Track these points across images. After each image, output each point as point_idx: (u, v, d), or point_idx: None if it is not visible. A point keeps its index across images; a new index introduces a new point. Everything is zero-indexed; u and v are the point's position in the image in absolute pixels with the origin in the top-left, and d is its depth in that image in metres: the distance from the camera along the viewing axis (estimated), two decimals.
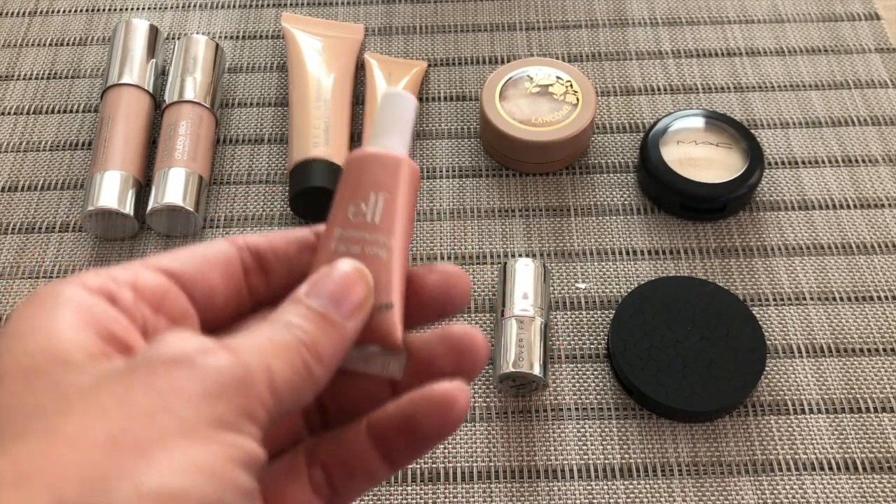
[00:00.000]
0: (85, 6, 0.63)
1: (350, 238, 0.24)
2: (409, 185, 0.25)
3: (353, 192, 0.24)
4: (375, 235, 0.24)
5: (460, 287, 0.24)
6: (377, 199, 0.24)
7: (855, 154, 0.54)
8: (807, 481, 0.42)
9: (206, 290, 0.22)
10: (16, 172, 0.54)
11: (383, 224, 0.24)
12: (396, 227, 0.24)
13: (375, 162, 0.25)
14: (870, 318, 0.47)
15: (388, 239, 0.24)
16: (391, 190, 0.24)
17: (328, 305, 0.21)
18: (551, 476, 0.42)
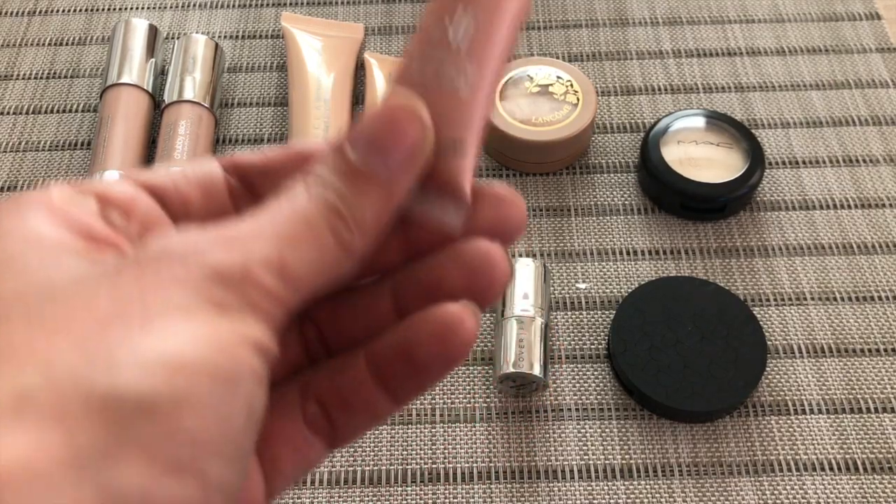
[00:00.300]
0: (84, 6, 0.63)
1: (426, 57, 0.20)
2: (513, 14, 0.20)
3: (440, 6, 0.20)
4: (460, 63, 0.20)
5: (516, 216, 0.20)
6: (469, 20, 0.20)
7: (856, 154, 0.54)
8: (807, 482, 0.42)
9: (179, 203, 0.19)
10: (15, 172, 0.54)
11: (471, 51, 0.20)
12: (486, 58, 0.20)
13: None
14: (871, 319, 0.47)
15: (473, 69, 0.20)
16: (488, 12, 0.20)
17: (370, 156, 0.17)
18: (551, 476, 0.42)
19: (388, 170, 0.17)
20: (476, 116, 0.20)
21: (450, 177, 0.19)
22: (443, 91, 0.19)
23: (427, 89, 0.19)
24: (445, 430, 0.44)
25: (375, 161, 0.17)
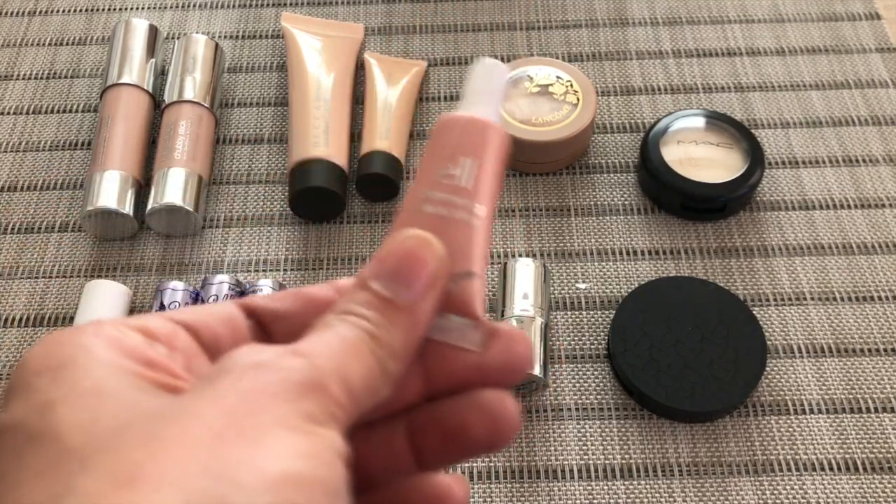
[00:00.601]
0: (84, 6, 0.63)
1: (439, 200, 0.23)
2: (499, 152, 0.24)
3: (443, 154, 0.24)
4: (464, 200, 0.23)
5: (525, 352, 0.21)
6: (469, 163, 0.24)
7: (855, 154, 0.54)
8: (807, 481, 0.42)
9: (211, 338, 0.20)
10: (15, 172, 0.54)
11: (472, 190, 0.23)
12: (486, 195, 0.23)
13: (468, 126, 0.24)
14: (870, 319, 0.47)
15: (475, 205, 0.23)
16: (482, 156, 0.24)
17: (394, 287, 0.19)
18: (551, 476, 0.42)
19: (413, 297, 0.19)
20: (484, 246, 0.23)
21: (463, 301, 0.22)
22: (453, 225, 0.22)
23: (439, 225, 0.22)
24: None
25: (400, 291, 0.19)
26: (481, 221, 0.23)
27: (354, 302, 0.19)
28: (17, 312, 0.49)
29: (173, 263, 0.50)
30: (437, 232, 0.22)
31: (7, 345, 0.47)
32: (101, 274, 0.50)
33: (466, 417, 0.20)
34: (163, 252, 0.51)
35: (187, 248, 0.51)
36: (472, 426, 0.20)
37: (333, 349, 0.18)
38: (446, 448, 0.21)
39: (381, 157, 0.51)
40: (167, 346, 0.19)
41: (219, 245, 0.51)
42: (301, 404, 0.17)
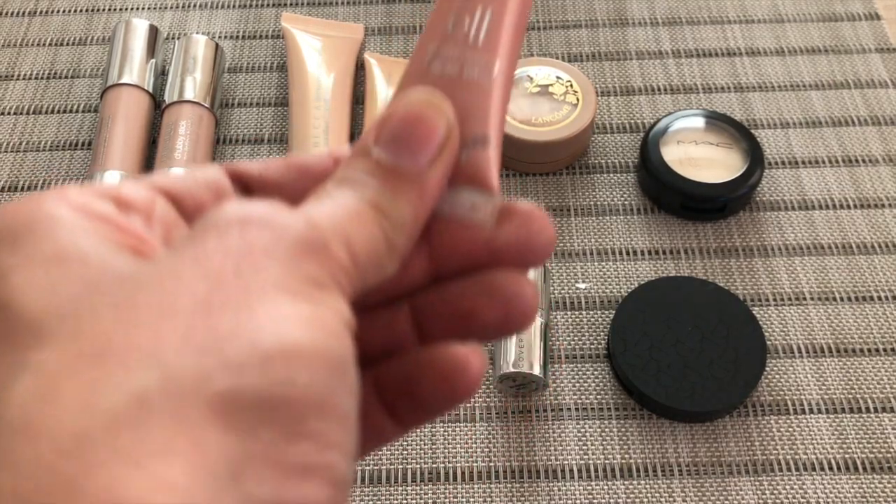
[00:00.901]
0: (85, 6, 0.63)
1: (447, 55, 0.20)
2: (521, 4, 0.21)
3: (453, 3, 0.21)
4: (478, 55, 0.20)
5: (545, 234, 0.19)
6: (483, 13, 0.21)
7: (855, 154, 0.54)
8: (807, 481, 0.42)
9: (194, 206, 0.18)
10: (16, 172, 0.54)
11: (488, 43, 0.20)
12: (502, 49, 0.20)
13: None
14: (870, 319, 0.47)
15: (491, 61, 0.20)
16: (500, 5, 0.21)
17: (399, 154, 0.17)
18: (551, 476, 0.42)
19: (420, 166, 0.17)
20: (499, 107, 0.20)
21: (477, 170, 0.19)
22: (465, 85, 0.20)
23: (448, 85, 0.20)
24: (445, 430, 0.44)
25: (406, 159, 0.17)
26: (497, 81, 0.20)
27: (355, 170, 0.17)
28: None
29: None
30: (446, 93, 0.19)
31: None
32: None
33: (477, 301, 0.18)
34: None
35: None
36: (482, 310, 0.18)
37: (335, 214, 0.16)
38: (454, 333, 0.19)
39: None
40: (143, 217, 0.17)
41: None
42: (301, 265, 0.15)
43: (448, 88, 0.20)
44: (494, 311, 0.18)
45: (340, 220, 0.16)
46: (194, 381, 0.13)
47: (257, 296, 0.14)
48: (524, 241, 0.18)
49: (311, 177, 0.19)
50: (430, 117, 0.18)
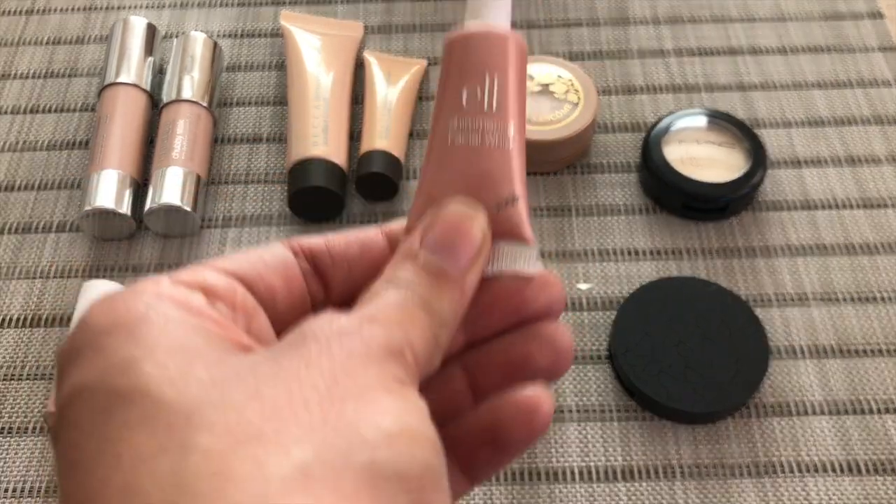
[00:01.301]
0: (82, 4, 0.63)
1: (467, 128, 0.22)
2: (519, 62, 0.23)
3: (463, 76, 0.22)
4: (493, 122, 0.22)
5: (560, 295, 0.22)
6: (492, 82, 0.22)
7: (858, 153, 0.53)
8: (810, 483, 0.42)
9: (266, 293, 0.20)
10: (12, 172, 0.54)
11: (500, 110, 0.22)
12: (513, 112, 0.22)
13: (483, 41, 0.22)
14: (873, 320, 0.47)
15: (506, 126, 0.22)
16: (503, 71, 0.22)
17: (443, 259, 0.20)
18: (552, 478, 0.42)
19: (460, 268, 0.20)
20: (520, 166, 0.22)
21: (513, 225, 0.22)
22: (488, 152, 0.22)
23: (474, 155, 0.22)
24: None
25: (450, 263, 0.20)
26: (515, 142, 0.22)
27: (404, 270, 0.20)
28: (15, 313, 0.48)
29: (171, 263, 0.50)
30: (472, 162, 0.22)
31: (4, 345, 0.47)
32: (99, 274, 0.50)
33: (529, 348, 0.22)
34: (161, 252, 0.50)
35: (185, 248, 0.50)
36: (535, 355, 0.21)
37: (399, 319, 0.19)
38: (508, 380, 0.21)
39: (381, 157, 0.50)
40: (228, 305, 0.19)
41: (217, 245, 0.51)
42: (389, 367, 0.18)
43: (474, 158, 0.22)
44: (546, 355, 0.22)
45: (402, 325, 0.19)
46: (342, 456, 0.15)
47: (366, 392, 0.17)
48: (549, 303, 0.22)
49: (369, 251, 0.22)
50: (469, 227, 0.20)
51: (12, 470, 0.43)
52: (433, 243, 0.20)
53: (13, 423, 0.44)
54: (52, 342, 0.47)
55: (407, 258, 0.20)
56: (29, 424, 0.44)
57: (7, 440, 0.44)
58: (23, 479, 0.43)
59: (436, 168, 0.22)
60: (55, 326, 0.48)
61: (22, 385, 0.46)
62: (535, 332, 0.22)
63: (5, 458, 0.43)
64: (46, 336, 0.47)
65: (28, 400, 0.45)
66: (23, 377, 0.46)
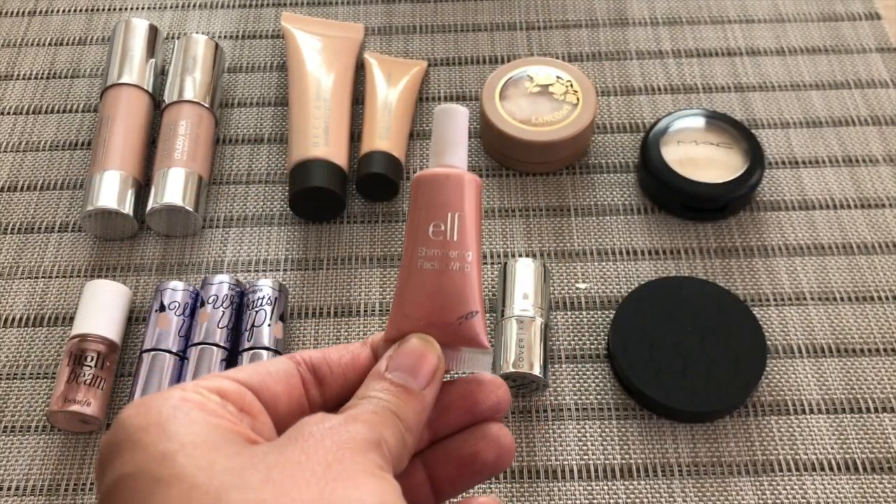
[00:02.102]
0: (84, 6, 0.63)
1: (433, 256, 0.27)
2: (477, 198, 0.28)
3: (429, 211, 0.27)
4: (455, 251, 0.27)
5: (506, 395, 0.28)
6: (453, 217, 0.27)
7: (856, 154, 0.54)
8: (807, 482, 0.42)
9: (270, 398, 0.25)
10: (15, 172, 0.54)
11: (460, 240, 0.27)
12: (471, 241, 0.27)
13: (445, 181, 0.27)
14: (870, 319, 0.47)
15: (466, 253, 0.27)
16: (463, 207, 0.27)
17: (406, 378, 0.25)
18: (551, 476, 0.42)
19: (420, 385, 0.25)
20: (478, 286, 0.27)
21: (473, 335, 0.27)
22: (451, 276, 0.27)
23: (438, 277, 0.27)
24: None
25: (412, 381, 0.25)
26: (473, 266, 0.27)
27: (378, 389, 0.25)
28: (17, 312, 0.49)
29: (173, 263, 0.50)
30: (436, 284, 0.27)
31: (7, 345, 0.47)
32: (101, 274, 0.50)
33: (477, 446, 0.27)
34: (163, 252, 0.51)
35: (187, 248, 0.51)
36: (482, 453, 0.26)
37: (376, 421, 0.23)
38: (460, 474, 0.27)
39: (381, 157, 0.51)
40: (237, 406, 0.24)
41: (219, 245, 0.51)
42: (370, 456, 0.22)
43: (440, 281, 0.27)
44: (490, 451, 0.27)
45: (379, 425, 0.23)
46: None
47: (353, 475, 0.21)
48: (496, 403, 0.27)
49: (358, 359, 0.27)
50: (427, 354, 0.26)
51: (15, 468, 0.43)
52: (401, 366, 0.25)
53: (16, 422, 0.45)
54: (54, 342, 0.47)
55: (376, 378, 0.25)
56: (31, 423, 0.45)
57: (10, 439, 0.44)
58: (25, 477, 0.43)
59: (407, 288, 0.27)
60: (58, 326, 0.48)
61: (24, 384, 0.46)
62: (484, 432, 0.27)
63: (8, 456, 0.44)
64: (49, 335, 0.48)
65: (31, 399, 0.45)
66: (25, 376, 0.46)
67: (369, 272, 0.49)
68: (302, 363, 0.26)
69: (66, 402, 0.42)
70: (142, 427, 0.22)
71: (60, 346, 0.47)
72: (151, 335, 0.45)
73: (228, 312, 0.45)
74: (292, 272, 0.50)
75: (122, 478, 0.21)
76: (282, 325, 0.46)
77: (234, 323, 0.46)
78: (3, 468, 0.43)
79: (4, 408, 0.45)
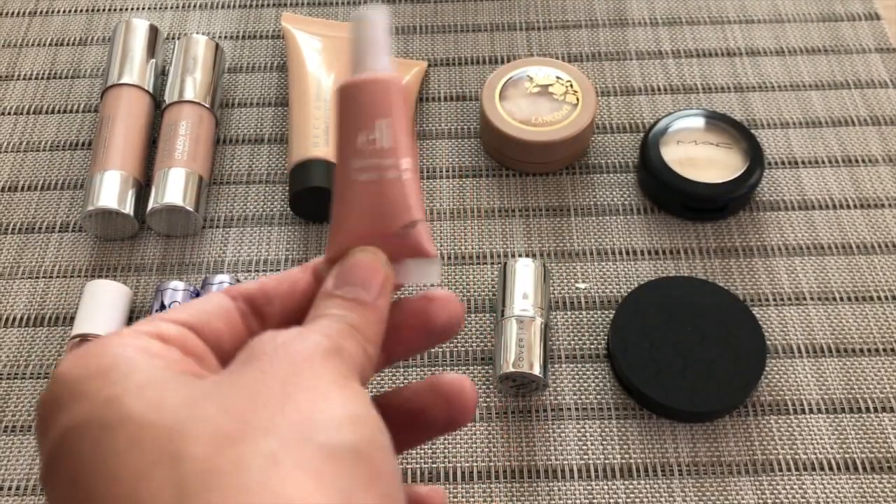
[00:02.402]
0: (85, 6, 0.63)
1: (367, 166, 0.26)
2: (403, 102, 0.26)
3: (356, 121, 0.26)
4: (389, 160, 0.26)
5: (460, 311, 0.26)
6: (383, 124, 0.26)
7: (855, 154, 0.54)
8: (807, 481, 0.42)
9: (212, 336, 0.24)
10: (16, 172, 0.54)
11: (393, 147, 0.26)
12: (404, 147, 0.26)
13: (370, 88, 0.26)
14: (870, 318, 0.47)
15: (400, 160, 0.26)
16: (392, 113, 0.26)
17: (357, 291, 0.24)
18: (551, 476, 0.42)
19: (373, 296, 0.24)
20: (417, 193, 0.26)
21: (416, 244, 0.26)
22: (388, 185, 0.25)
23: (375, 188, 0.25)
24: None
25: (363, 293, 0.24)
26: (410, 172, 0.26)
27: (327, 307, 0.24)
28: (18, 312, 0.49)
29: (174, 263, 0.50)
30: (374, 195, 0.25)
31: (7, 344, 0.47)
32: (102, 274, 0.50)
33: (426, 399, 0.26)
34: (163, 252, 0.51)
35: (188, 248, 0.51)
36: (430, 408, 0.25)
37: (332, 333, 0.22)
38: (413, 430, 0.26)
39: None
40: (180, 349, 0.22)
41: (219, 245, 0.51)
42: (331, 364, 0.21)
43: (376, 192, 0.25)
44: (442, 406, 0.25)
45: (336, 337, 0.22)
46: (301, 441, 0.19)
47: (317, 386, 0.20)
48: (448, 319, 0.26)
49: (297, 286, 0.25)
50: (375, 265, 0.25)
51: (16, 468, 0.43)
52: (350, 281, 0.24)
53: (17, 422, 0.45)
54: (55, 341, 0.47)
55: (325, 297, 0.24)
56: (32, 423, 0.45)
57: (10, 438, 0.44)
58: (26, 476, 0.43)
59: (344, 205, 0.26)
60: (58, 326, 0.48)
61: (25, 384, 0.46)
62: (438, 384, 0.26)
63: (9, 456, 0.44)
64: (50, 335, 0.48)
65: (31, 399, 0.46)
66: (26, 376, 0.46)
67: None
68: (238, 297, 0.25)
69: None
70: (82, 378, 0.20)
71: (61, 346, 0.47)
72: None
73: None
74: None
75: (66, 432, 0.20)
76: None
77: None
78: (4, 468, 0.43)
79: (5, 408, 0.45)
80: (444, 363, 0.46)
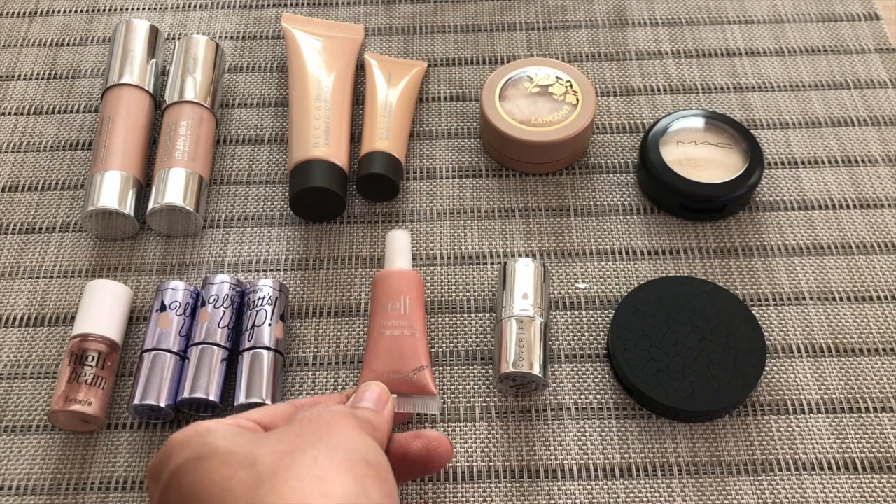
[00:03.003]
0: (85, 6, 0.63)
1: (392, 325, 0.42)
2: (419, 288, 0.44)
3: (388, 296, 0.43)
4: (407, 323, 0.42)
5: (442, 450, 0.37)
6: (404, 299, 0.43)
7: (854, 154, 0.54)
8: (806, 481, 0.42)
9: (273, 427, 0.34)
10: (16, 172, 0.54)
11: (410, 315, 0.42)
12: (418, 316, 0.43)
13: (397, 277, 0.44)
14: (869, 319, 0.47)
15: (415, 323, 0.42)
16: (410, 293, 0.43)
17: (375, 408, 0.36)
18: (551, 476, 0.42)
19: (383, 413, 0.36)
20: (425, 347, 0.42)
21: (423, 385, 0.41)
22: (405, 340, 0.42)
23: (397, 341, 0.42)
24: (445, 430, 0.44)
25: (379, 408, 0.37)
26: (420, 333, 0.42)
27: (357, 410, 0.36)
28: (18, 312, 0.49)
29: (174, 263, 0.50)
30: (395, 346, 0.41)
31: (8, 344, 0.47)
32: (102, 274, 0.50)
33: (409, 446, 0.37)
34: (163, 252, 0.51)
35: (188, 249, 0.51)
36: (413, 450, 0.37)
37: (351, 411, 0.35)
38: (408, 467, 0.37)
39: (382, 158, 0.51)
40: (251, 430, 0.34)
41: (219, 245, 0.51)
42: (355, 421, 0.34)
43: (397, 343, 0.42)
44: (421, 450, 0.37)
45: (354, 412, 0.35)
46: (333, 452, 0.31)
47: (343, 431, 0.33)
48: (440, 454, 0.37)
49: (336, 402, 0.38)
50: (386, 396, 0.37)
51: (16, 468, 0.43)
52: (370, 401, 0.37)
53: (17, 422, 0.45)
54: (55, 341, 0.47)
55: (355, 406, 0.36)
56: (32, 423, 0.45)
57: (11, 438, 0.44)
58: (27, 476, 0.43)
59: (374, 350, 0.42)
60: (58, 326, 0.48)
61: (26, 384, 0.46)
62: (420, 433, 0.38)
63: (10, 455, 0.44)
64: (50, 335, 0.48)
65: (32, 398, 0.46)
66: (26, 376, 0.46)
67: (369, 272, 0.49)
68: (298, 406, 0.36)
69: (67, 401, 0.43)
70: (185, 439, 0.32)
71: (61, 346, 0.47)
72: (152, 335, 0.45)
73: (229, 312, 0.46)
74: (293, 272, 0.50)
75: (173, 472, 0.31)
76: (282, 324, 0.46)
77: (234, 323, 0.46)
78: (5, 468, 0.44)
79: (5, 407, 0.45)
80: (445, 363, 0.46)
